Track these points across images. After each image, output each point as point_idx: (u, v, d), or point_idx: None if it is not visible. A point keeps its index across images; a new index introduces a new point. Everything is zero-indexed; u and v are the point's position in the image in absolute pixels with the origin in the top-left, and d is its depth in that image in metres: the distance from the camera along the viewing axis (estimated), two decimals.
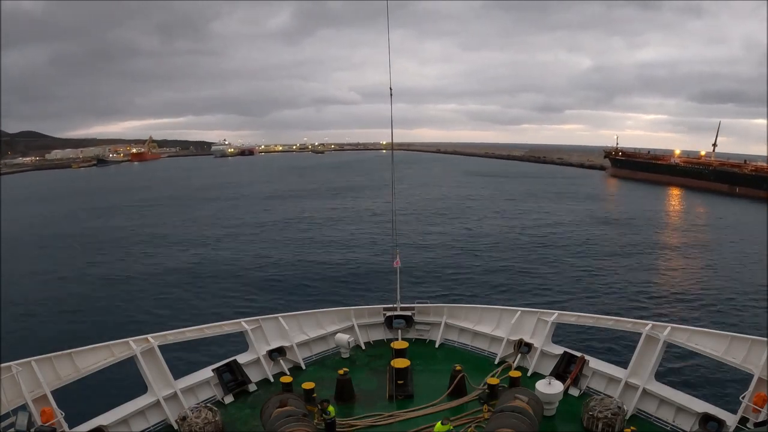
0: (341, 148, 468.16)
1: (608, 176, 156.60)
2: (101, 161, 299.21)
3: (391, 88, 19.78)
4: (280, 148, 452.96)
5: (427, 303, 20.49)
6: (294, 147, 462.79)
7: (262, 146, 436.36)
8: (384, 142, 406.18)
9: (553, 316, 17.49)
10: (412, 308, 19.97)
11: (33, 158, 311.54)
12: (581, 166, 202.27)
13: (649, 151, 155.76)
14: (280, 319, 18.28)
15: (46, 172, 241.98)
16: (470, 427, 13.76)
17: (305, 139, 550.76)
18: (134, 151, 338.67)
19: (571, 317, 17.73)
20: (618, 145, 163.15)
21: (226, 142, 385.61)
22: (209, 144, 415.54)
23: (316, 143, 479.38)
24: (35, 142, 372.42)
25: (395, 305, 19.93)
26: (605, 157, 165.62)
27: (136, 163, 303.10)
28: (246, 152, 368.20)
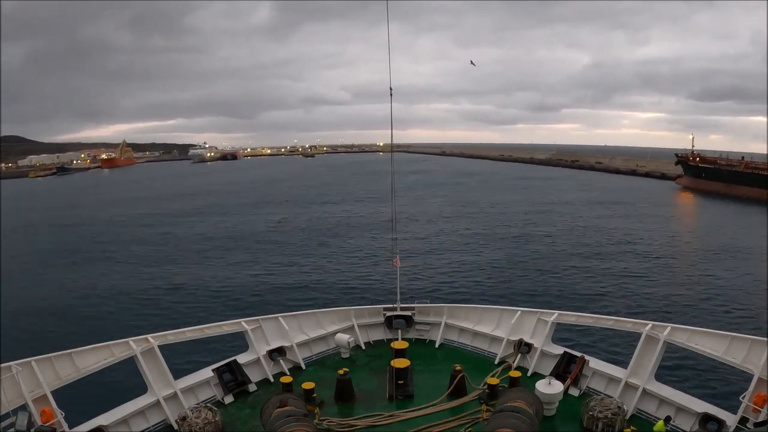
0: (334, 150, 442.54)
1: (680, 189, 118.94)
2: (62, 169, 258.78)
3: (391, 89, 19.79)
4: (268, 151, 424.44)
5: (427, 303, 20.50)
6: (282, 150, 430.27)
7: (248, 149, 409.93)
8: (381, 143, 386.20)
9: (553, 316, 17.50)
10: (412, 308, 19.98)
11: (5, 165, 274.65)
12: (633, 173, 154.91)
13: (743, 157, 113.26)
14: (280, 319, 18.29)
15: None
16: (469, 427, 13.77)
17: (295, 141, 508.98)
18: (104, 156, 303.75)
19: (571, 317, 17.74)
20: (694, 148, 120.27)
21: (207, 145, 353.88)
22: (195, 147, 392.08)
23: (307, 145, 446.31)
24: (15, 147, 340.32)
25: (395, 305, 19.94)
26: (677, 163, 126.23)
27: (106, 170, 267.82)
28: (228, 156, 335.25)
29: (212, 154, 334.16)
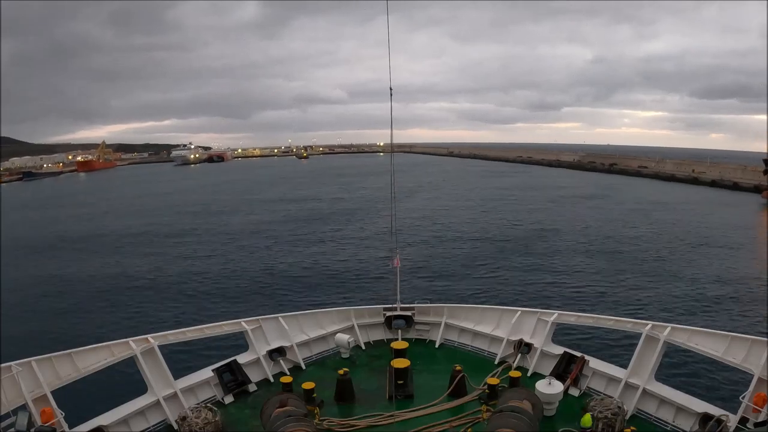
0: (331, 150, 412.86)
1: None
2: (28, 174, 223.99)
3: (391, 89, 19.80)
4: (258, 152, 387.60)
5: (427, 303, 20.52)
6: (275, 151, 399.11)
7: (239, 149, 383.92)
8: (381, 143, 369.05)
9: (553, 316, 17.51)
10: (412, 308, 19.99)
11: None
12: (694, 181, 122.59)
13: None
14: (280, 319, 18.31)
15: None
16: (469, 427, 13.78)
17: (290, 140, 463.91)
18: (80, 159, 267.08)
19: (571, 317, 17.76)
20: None
21: (192, 146, 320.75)
22: (207, 147, 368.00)
23: (301, 146, 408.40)
24: (1, 149, 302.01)
25: (395, 305, 19.94)
26: (767, 171, 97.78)
27: (82, 174, 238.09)
28: (215, 158, 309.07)
29: (197, 155, 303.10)
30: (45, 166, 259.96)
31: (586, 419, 13.18)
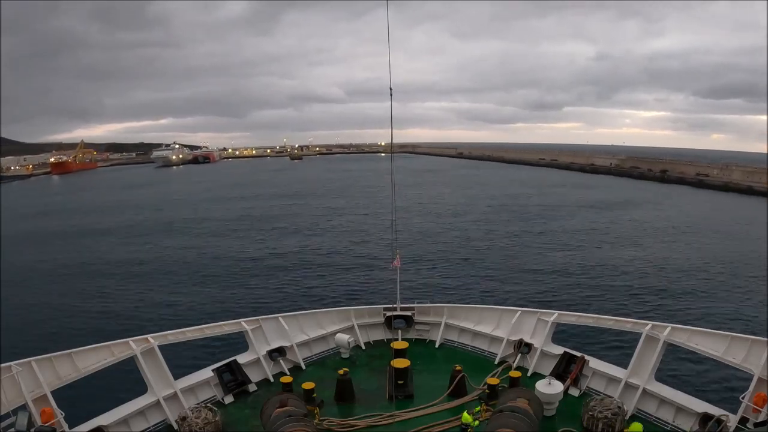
0: (328, 150, 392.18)
1: None
2: None
3: (391, 88, 19.79)
4: (253, 152, 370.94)
5: (427, 303, 20.52)
6: (269, 151, 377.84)
7: (230, 149, 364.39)
8: (383, 143, 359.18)
9: (553, 316, 17.51)
10: (412, 308, 20.00)
11: None
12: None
13: None
14: (280, 319, 18.31)
15: None
16: (469, 426, 13.77)
17: (284, 140, 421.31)
18: (53, 160, 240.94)
19: (571, 317, 17.75)
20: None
21: (177, 146, 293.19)
22: (198, 147, 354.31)
23: (296, 145, 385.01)
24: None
25: (395, 305, 19.94)
26: None
27: (55, 177, 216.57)
28: (200, 159, 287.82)
29: (180, 156, 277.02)
30: (13, 168, 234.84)
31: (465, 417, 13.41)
